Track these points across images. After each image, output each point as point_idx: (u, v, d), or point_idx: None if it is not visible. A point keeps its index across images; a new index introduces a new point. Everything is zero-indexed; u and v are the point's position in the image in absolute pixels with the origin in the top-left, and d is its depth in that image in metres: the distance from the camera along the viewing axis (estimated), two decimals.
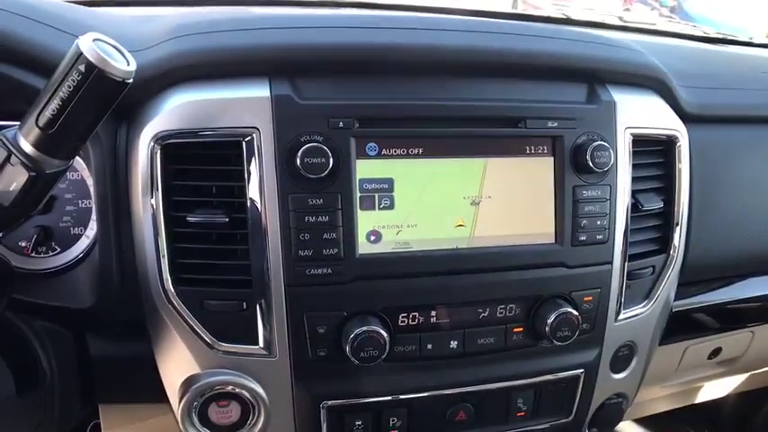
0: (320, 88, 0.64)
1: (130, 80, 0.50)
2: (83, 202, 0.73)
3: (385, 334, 0.63)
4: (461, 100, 0.67)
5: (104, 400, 0.72)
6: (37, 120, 0.49)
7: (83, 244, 0.72)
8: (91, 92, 0.48)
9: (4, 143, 0.50)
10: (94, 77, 0.47)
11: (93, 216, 0.72)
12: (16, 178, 0.51)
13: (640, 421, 1.47)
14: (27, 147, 0.50)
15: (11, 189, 0.51)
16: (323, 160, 0.61)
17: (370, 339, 0.62)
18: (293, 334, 0.64)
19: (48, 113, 0.49)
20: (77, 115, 0.49)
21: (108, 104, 0.51)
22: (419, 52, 0.66)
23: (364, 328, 0.62)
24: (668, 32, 1.24)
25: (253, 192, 0.62)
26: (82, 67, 0.47)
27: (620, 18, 1.28)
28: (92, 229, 0.73)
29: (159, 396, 0.69)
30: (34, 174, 0.50)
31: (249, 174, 0.62)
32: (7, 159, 0.50)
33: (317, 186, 0.62)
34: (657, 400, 1.20)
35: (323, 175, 0.61)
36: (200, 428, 0.66)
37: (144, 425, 0.75)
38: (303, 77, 0.64)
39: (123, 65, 0.49)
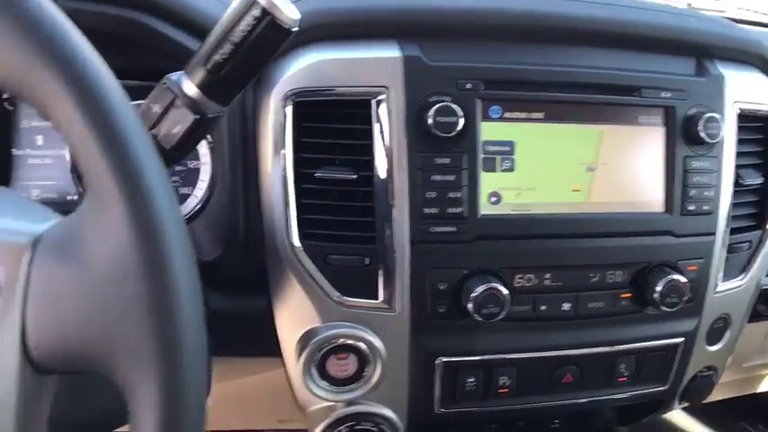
0: (447, 50, 0.65)
1: (296, 28, 0.51)
2: (191, 163, 0.75)
3: (506, 292, 0.64)
4: (582, 67, 0.68)
5: (218, 353, 0.74)
6: (206, 63, 0.51)
7: (191, 203, 0.74)
8: (261, 38, 0.50)
9: (169, 87, 0.52)
10: (267, 24, 0.49)
11: (201, 176, 0.74)
12: (181, 121, 0.52)
13: (691, 411, 1.47)
14: (192, 90, 0.52)
15: (174, 132, 0.53)
16: (454, 120, 0.62)
17: (492, 297, 0.64)
18: (414, 290, 0.65)
19: (217, 57, 0.50)
20: (245, 60, 0.51)
21: (272, 52, 0.52)
22: (545, 19, 0.67)
23: (487, 286, 0.64)
24: (740, 20, 1.24)
25: (381, 150, 0.64)
26: (257, 12, 0.49)
27: (689, 5, 1.28)
28: (200, 189, 0.75)
29: (272, 350, 0.71)
30: (198, 117, 0.52)
31: (378, 132, 0.64)
32: (172, 103, 0.52)
33: (444, 146, 0.64)
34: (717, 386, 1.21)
35: (452, 134, 0.62)
36: (319, 382, 0.67)
37: (253, 378, 0.77)
38: (431, 40, 0.65)
39: (291, 13, 0.51)
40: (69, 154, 0.73)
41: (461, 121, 0.62)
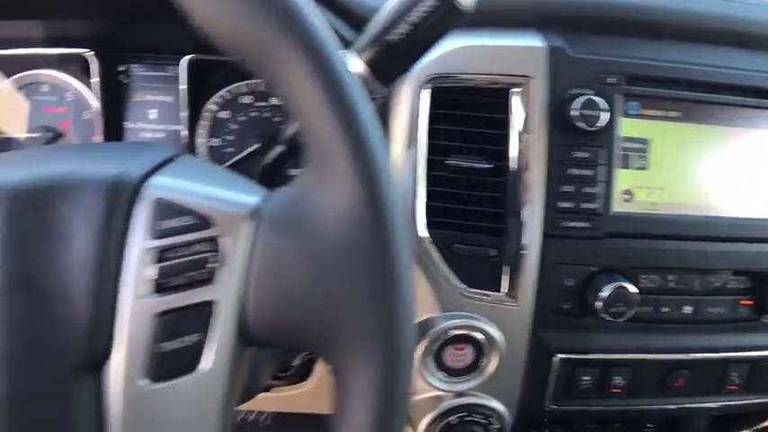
0: (589, 43, 0.65)
1: (470, 12, 0.50)
2: None
3: (634, 291, 0.63)
4: (722, 67, 0.67)
5: None
6: (377, 42, 0.50)
7: None
8: (439, 19, 0.49)
9: None
10: (447, 5, 0.48)
11: None
12: None
13: None
14: (360, 69, 0.51)
15: None
16: (597, 113, 0.61)
17: (621, 296, 0.63)
18: (541, 284, 0.64)
19: (392, 37, 0.49)
20: (419, 42, 0.50)
21: (444, 34, 0.51)
22: (687, 17, 0.66)
23: (617, 285, 0.63)
24: None
25: (519, 140, 0.63)
26: None
27: None
28: None
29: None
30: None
31: (515, 122, 0.63)
32: None
33: (584, 140, 0.63)
34: None
35: (594, 128, 0.62)
36: (435, 372, 0.67)
37: None
38: (573, 31, 0.65)
39: None
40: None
41: (605, 116, 0.61)
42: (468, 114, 0.64)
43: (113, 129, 0.75)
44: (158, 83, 0.76)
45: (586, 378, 0.68)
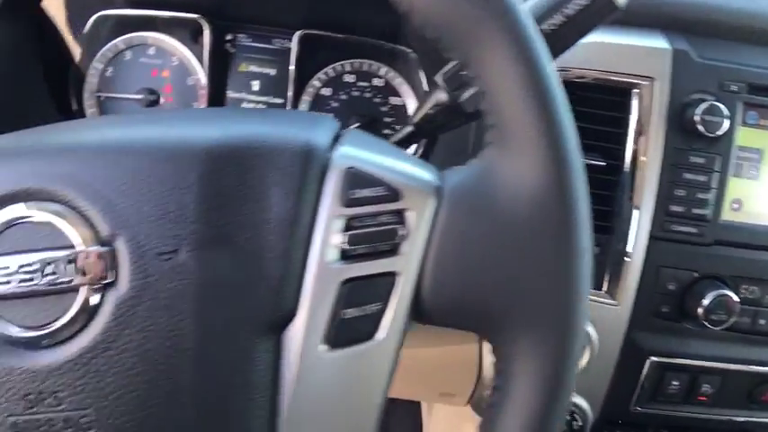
0: (712, 48, 0.64)
1: (623, 9, 0.50)
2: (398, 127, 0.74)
3: (737, 299, 0.63)
4: None
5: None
6: None
7: None
8: (593, 14, 0.49)
9: None
10: (603, 0, 0.48)
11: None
12: None
13: None
14: None
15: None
16: (719, 120, 0.61)
17: (723, 304, 0.63)
18: (643, 286, 0.65)
19: (545, 27, 0.49)
20: (569, 34, 0.50)
21: (592, 29, 0.51)
22: None
23: (719, 292, 0.63)
24: None
25: (636, 140, 0.63)
26: None
27: None
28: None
29: (473, 324, 0.70)
30: None
31: (634, 122, 0.63)
32: None
33: (701, 145, 0.63)
34: None
35: (713, 134, 0.61)
36: None
37: (441, 350, 0.77)
38: (698, 36, 0.64)
39: None
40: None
41: (726, 123, 0.61)
42: (585, 110, 0.64)
43: (215, 97, 0.76)
44: (264, 54, 0.76)
45: (675, 383, 0.68)
